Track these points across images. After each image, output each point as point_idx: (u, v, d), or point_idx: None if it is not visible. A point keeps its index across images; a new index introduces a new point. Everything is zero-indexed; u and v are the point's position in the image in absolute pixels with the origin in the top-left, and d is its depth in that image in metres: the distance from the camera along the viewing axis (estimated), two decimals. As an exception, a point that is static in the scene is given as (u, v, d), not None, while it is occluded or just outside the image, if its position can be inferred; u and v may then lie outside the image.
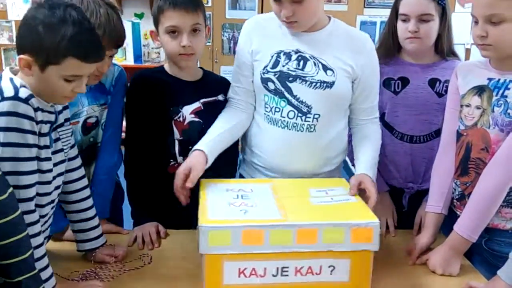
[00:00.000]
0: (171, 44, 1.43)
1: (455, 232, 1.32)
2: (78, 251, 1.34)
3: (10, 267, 0.97)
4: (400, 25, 1.56)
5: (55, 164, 1.19)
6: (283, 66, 1.46)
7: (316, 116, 1.46)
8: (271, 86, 1.47)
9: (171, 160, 1.51)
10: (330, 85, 1.44)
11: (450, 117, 1.45)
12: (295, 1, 1.37)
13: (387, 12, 1.68)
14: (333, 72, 1.45)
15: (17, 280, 0.99)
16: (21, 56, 1.06)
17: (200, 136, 1.45)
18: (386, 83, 1.62)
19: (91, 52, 1.10)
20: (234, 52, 1.60)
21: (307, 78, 1.44)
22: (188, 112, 1.49)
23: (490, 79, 1.33)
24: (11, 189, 1.00)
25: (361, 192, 1.34)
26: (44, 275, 1.08)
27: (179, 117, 1.48)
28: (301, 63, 1.45)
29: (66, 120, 1.26)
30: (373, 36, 4.86)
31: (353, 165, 1.52)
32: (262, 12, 4.24)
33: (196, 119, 1.50)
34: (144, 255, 1.37)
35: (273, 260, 1.13)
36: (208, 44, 4.80)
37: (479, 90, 1.35)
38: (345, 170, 1.71)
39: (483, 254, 1.37)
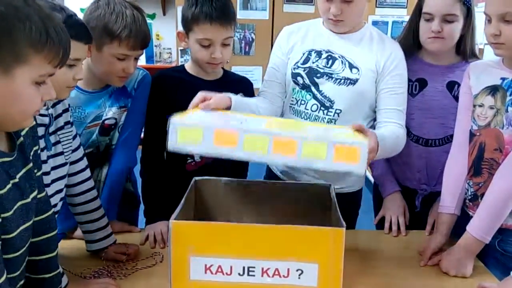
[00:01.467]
0: (202, 53, 1.45)
1: (468, 233, 1.31)
2: (87, 251, 1.36)
3: (37, 264, 0.99)
4: (422, 24, 1.53)
5: (54, 168, 1.20)
6: (313, 63, 1.54)
7: (337, 111, 1.52)
8: (300, 80, 1.55)
9: (188, 158, 1.52)
10: (353, 82, 1.51)
11: (462, 117, 1.44)
12: (346, 0, 1.46)
13: (399, 12, 1.68)
14: (358, 70, 1.51)
15: (41, 277, 1.01)
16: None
17: None
18: None
19: (82, 31, 1.14)
20: (245, 52, 1.62)
21: (333, 75, 1.52)
22: None
23: (503, 79, 1.32)
24: (45, 189, 1.04)
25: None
26: None
27: None
28: (330, 61, 1.54)
29: (67, 123, 1.27)
30: (384, 36, 4.85)
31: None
32: (273, 13, 4.26)
33: None
34: (156, 254, 1.38)
35: (240, 258, 1.10)
36: (219, 44, 4.81)
37: (492, 89, 1.33)
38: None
39: (496, 255, 1.35)
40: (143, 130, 1.57)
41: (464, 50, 1.55)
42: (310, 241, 1.10)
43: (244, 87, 1.58)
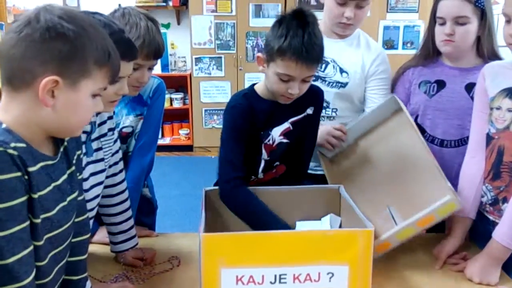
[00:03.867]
0: (279, 86, 1.32)
1: (495, 240, 1.28)
2: (111, 251, 1.39)
3: (68, 265, 1.02)
4: (437, 28, 1.54)
5: (93, 173, 1.23)
6: None
7: (334, 110, 1.69)
8: None
9: (253, 176, 1.47)
10: (344, 85, 1.67)
11: (478, 120, 1.43)
12: (360, 6, 1.58)
13: (410, 17, 1.71)
14: (348, 74, 1.67)
15: (69, 278, 1.04)
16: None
17: (284, 155, 1.46)
18: (421, 85, 1.61)
19: (127, 50, 1.14)
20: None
21: (326, 79, 1.67)
22: (277, 134, 1.43)
23: None
24: (84, 193, 1.08)
25: None
26: None
27: (268, 140, 1.42)
28: (323, 66, 1.65)
29: (110, 129, 1.30)
30: (396, 41, 4.85)
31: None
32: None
33: (285, 140, 1.44)
34: (173, 258, 1.40)
35: (271, 267, 1.11)
36: (232, 52, 4.86)
37: (510, 92, 1.32)
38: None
39: None
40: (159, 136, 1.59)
41: (483, 52, 1.54)
42: (340, 244, 1.12)
43: (313, 100, 1.46)
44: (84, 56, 0.87)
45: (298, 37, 1.25)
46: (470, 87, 1.55)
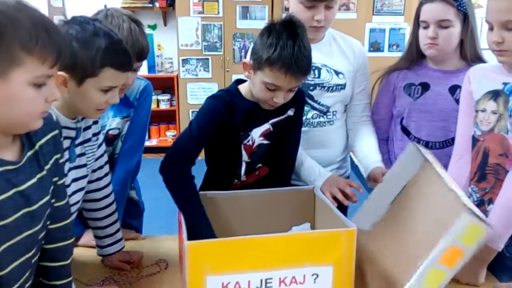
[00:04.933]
0: (264, 94, 1.32)
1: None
2: (98, 255, 1.38)
3: (50, 270, 1.00)
4: (420, 32, 1.57)
5: (75, 179, 1.21)
6: None
7: (334, 113, 1.66)
8: None
9: (236, 180, 1.47)
10: (343, 86, 1.64)
11: (463, 122, 1.44)
12: (328, 6, 1.53)
13: (396, 19, 1.73)
14: (343, 75, 1.64)
15: (52, 284, 1.02)
16: (58, 73, 1.03)
17: (266, 156, 1.45)
18: (406, 88, 1.63)
19: (125, 60, 1.13)
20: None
21: (324, 84, 1.62)
22: (257, 135, 1.42)
23: (505, 84, 1.31)
24: (67, 198, 1.05)
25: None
26: None
27: (248, 141, 1.42)
28: (316, 72, 1.60)
29: (94, 134, 1.29)
30: (382, 43, 4.89)
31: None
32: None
33: (265, 142, 1.44)
34: (160, 261, 1.39)
35: (257, 271, 1.11)
36: (219, 53, 4.86)
37: (494, 94, 1.33)
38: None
39: (504, 260, 1.33)
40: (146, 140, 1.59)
41: (465, 55, 1.57)
42: (325, 245, 1.13)
43: (294, 101, 1.43)
44: (6, 43, 0.79)
45: (288, 48, 1.24)
46: (454, 89, 1.58)
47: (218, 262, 1.08)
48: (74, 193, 1.22)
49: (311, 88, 1.60)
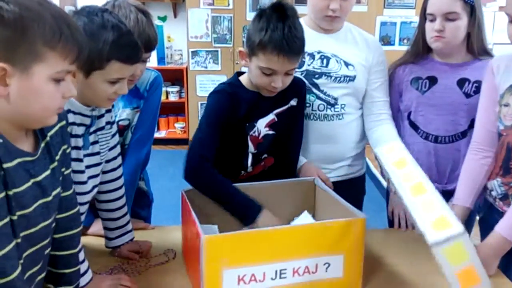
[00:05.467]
0: (262, 79, 1.34)
1: (497, 233, 1.30)
2: (106, 247, 1.39)
3: (58, 259, 1.02)
4: (427, 25, 1.55)
5: (88, 166, 1.22)
6: (308, 65, 1.57)
7: (342, 106, 1.61)
8: None
9: (242, 172, 1.49)
10: (352, 78, 1.60)
11: (484, 115, 1.43)
12: None
13: (407, 13, 1.71)
14: (353, 67, 1.60)
15: (62, 272, 1.04)
16: None
17: (271, 147, 1.47)
18: (413, 82, 1.62)
19: (132, 53, 1.13)
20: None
21: (331, 74, 1.58)
22: (262, 126, 1.45)
23: None
24: (74, 187, 1.06)
25: None
26: (81, 268, 1.12)
27: (254, 132, 1.44)
28: (324, 61, 1.59)
29: (108, 123, 1.30)
30: (393, 37, 4.86)
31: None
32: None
33: (270, 132, 1.46)
34: (168, 251, 1.40)
35: (272, 263, 1.12)
36: (229, 45, 4.85)
37: None
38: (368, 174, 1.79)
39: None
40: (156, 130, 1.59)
41: (473, 48, 1.55)
42: (336, 234, 1.16)
43: (297, 90, 1.48)
44: (30, 39, 0.80)
45: (278, 30, 1.27)
46: (462, 83, 1.57)
47: (234, 255, 1.10)
48: (88, 179, 1.23)
49: (317, 76, 1.58)
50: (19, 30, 0.79)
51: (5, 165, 0.81)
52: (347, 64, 1.59)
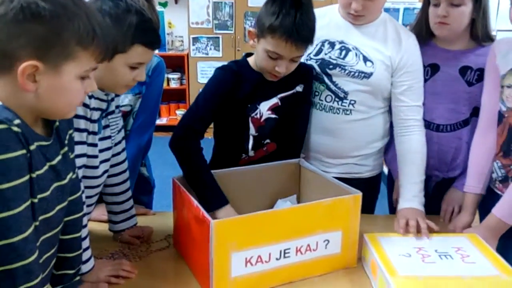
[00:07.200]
0: (267, 62, 1.34)
1: (494, 215, 1.32)
2: (110, 231, 1.40)
3: (62, 242, 1.02)
4: (431, 10, 1.51)
5: (101, 150, 1.23)
6: (326, 54, 1.52)
7: (352, 102, 1.52)
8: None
9: (243, 155, 1.48)
10: (368, 75, 1.49)
11: (488, 97, 1.43)
12: None
13: (409, -1, 1.65)
14: (373, 64, 1.50)
15: (64, 256, 1.04)
16: None
17: (274, 132, 1.46)
18: None
19: (155, 38, 1.14)
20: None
21: (346, 67, 1.50)
22: (265, 109, 1.43)
23: None
24: (77, 170, 1.06)
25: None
26: (84, 255, 1.13)
27: (255, 114, 1.43)
28: (343, 52, 1.51)
29: (117, 107, 1.30)
30: (396, 24, 4.80)
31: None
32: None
33: (273, 116, 1.44)
34: (169, 236, 1.41)
35: (277, 244, 1.16)
36: (230, 32, 4.82)
37: None
38: (383, 180, 1.75)
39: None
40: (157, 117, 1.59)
41: (477, 34, 1.52)
42: (335, 211, 1.22)
43: (304, 77, 1.47)
44: (64, 38, 0.80)
45: (290, 17, 1.26)
46: (464, 71, 1.55)
47: (242, 238, 1.12)
48: (101, 163, 1.23)
49: (331, 67, 1.51)
50: (55, 29, 0.79)
51: (30, 147, 0.82)
52: (366, 60, 1.49)
